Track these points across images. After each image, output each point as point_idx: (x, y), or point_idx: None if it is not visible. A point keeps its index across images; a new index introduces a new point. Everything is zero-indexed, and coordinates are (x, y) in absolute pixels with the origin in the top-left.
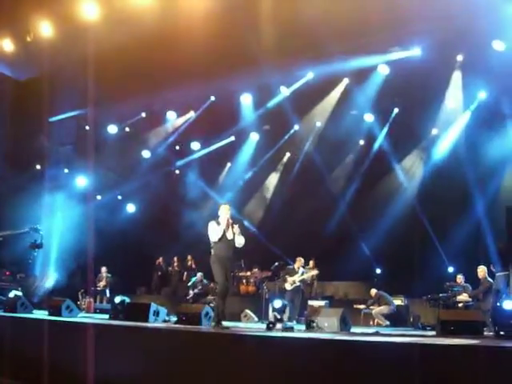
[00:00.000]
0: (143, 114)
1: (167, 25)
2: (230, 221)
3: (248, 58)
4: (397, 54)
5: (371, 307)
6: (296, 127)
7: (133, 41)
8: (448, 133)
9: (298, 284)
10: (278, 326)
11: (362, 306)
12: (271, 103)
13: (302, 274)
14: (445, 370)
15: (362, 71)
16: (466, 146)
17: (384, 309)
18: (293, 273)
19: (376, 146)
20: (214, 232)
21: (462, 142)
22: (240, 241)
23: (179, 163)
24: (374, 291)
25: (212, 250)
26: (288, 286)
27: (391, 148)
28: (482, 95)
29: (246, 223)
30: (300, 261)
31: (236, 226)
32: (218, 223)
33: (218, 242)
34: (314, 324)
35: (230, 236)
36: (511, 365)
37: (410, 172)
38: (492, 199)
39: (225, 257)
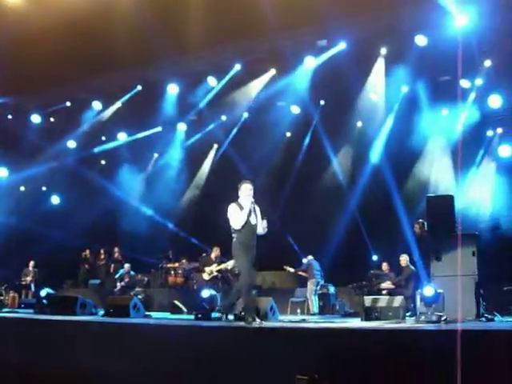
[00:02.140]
0: (68, 103)
1: (94, 11)
2: (254, 203)
3: (175, 47)
4: (324, 48)
5: (300, 273)
6: (223, 118)
7: (57, 26)
8: (373, 126)
9: (215, 274)
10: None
11: (291, 269)
12: (198, 93)
13: (220, 263)
14: (370, 352)
15: (290, 63)
16: (389, 139)
17: (311, 286)
18: (210, 262)
19: (306, 138)
20: (237, 218)
21: (387, 136)
22: (264, 226)
23: (105, 153)
24: (309, 256)
25: (234, 237)
26: (206, 277)
27: (321, 140)
28: (405, 89)
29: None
30: (216, 250)
31: (257, 209)
32: (240, 206)
33: (242, 229)
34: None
35: (253, 220)
36: (430, 345)
37: (340, 165)
38: (411, 190)
39: (250, 245)
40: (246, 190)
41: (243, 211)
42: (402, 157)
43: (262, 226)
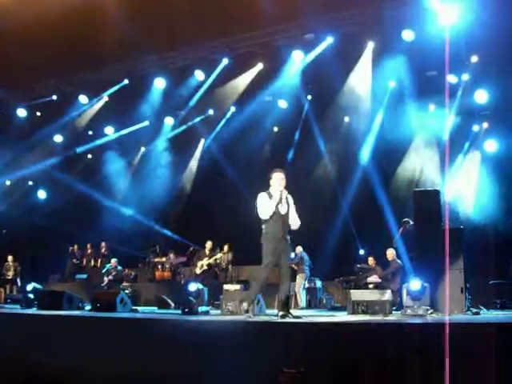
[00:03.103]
0: (54, 97)
1: (80, 4)
2: (285, 192)
3: (162, 40)
4: (311, 42)
5: (292, 265)
6: (211, 112)
7: (43, 20)
8: (361, 121)
9: (205, 268)
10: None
11: None
12: (186, 87)
13: (211, 257)
14: (356, 345)
15: (277, 57)
16: (376, 135)
17: (300, 280)
18: (203, 256)
19: (294, 133)
20: (265, 207)
21: (374, 131)
22: (295, 220)
23: (93, 148)
24: (299, 248)
25: (263, 227)
26: (198, 271)
27: (308, 135)
28: (392, 84)
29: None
30: (209, 244)
31: (290, 199)
32: (270, 195)
33: (269, 219)
34: (230, 307)
35: (283, 210)
36: (416, 339)
37: (328, 159)
38: (399, 185)
39: (279, 236)
40: (277, 179)
41: (271, 200)
42: (390, 152)
43: (294, 220)
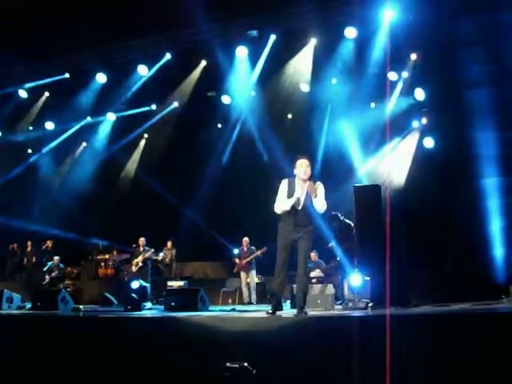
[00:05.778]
0: None
1: None
2: (307, 183)
3: (103, 34)
4: (254, 38)
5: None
6: (153, 107)
7: None
8: (304, 118)
9: (141, 264)
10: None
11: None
12: (128, 82)
13: (145, 253)
14: (298, 340)
15: (221, 53)
16: (320, 131)
17: (253, 275)
18: (138, 254)
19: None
20: (280, 203)
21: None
22: (319, 207)
23: (32, 143)
24: (246, 239)
25: (280, 219)
26: (134, 268)
27: (250, 132)
28: (334, 81)
29: None
30: (142, 241)
31: (320, 186)
32: (292, 188)
33: (281, 214)
34: (173, 304)
35: (301, 204)
36: (357, 331)
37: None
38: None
39: (290, 231)
40: (299, 167)
41: (290, 199)
42: (331, 148)
43: (317, 205)
